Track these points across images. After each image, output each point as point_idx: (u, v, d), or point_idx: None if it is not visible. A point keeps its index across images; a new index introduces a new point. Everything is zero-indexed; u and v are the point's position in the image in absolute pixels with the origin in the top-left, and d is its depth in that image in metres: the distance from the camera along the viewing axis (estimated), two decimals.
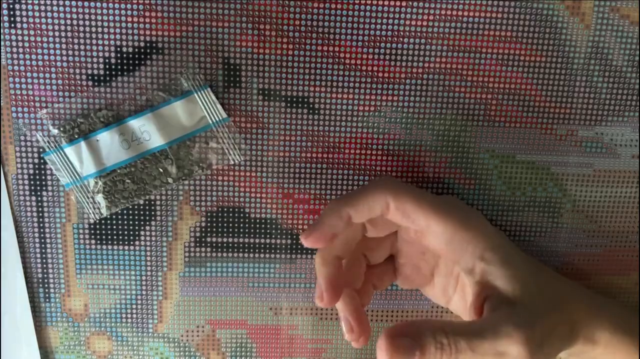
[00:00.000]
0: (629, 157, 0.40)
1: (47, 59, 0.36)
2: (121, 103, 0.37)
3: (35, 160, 0.38)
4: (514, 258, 0.34)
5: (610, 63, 0.38)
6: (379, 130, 0.39)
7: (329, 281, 0.35)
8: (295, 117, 0.38)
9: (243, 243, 0.40)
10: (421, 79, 0.38)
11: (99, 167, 0.37)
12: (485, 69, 0.38)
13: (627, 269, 0.42)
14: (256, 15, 0.36)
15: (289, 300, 0.42)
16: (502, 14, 0.37)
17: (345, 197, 0.35)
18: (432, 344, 0.29)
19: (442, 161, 0.39)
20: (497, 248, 0.33)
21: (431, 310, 0.42)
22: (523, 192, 0.40)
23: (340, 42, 0.37)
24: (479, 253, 0.33)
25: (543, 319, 0.31)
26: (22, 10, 0.35)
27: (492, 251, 0.33)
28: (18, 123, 0.37)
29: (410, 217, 0.34)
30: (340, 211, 0.34)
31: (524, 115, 0.39)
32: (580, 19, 0.37)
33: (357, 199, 0.34)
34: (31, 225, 0.39)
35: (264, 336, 0.42)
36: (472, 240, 0.33)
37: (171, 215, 0.39)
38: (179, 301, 0.41)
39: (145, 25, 0.36)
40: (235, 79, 0.37)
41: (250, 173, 0.39)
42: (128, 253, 0.40)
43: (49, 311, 0.40)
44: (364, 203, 0.34)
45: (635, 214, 0.41)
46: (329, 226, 0.34)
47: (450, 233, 0.33)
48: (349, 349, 0.43)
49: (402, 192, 0.34)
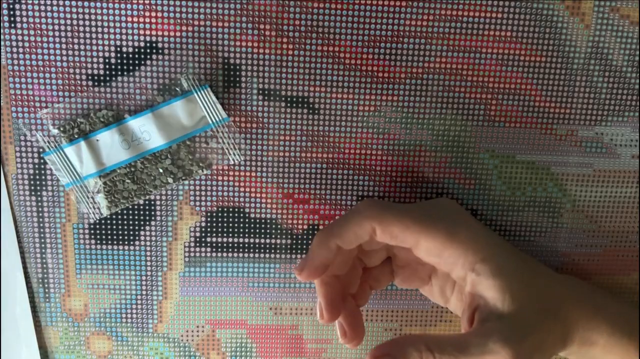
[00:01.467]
0: (629, 157, 0.40)
1: (47, 59, 0.36)
2: (121, 103, 0.37)
3: (35, 160, 0.38)
4: (506, 268, 0.33)
5: (610, 63, 0.38)
6: (379, 130, 0.39)
7: (329, 301, 0.35)
8: (295, 117, 0.38)
9: (243, 243, 0.40)
10: (421, 79, 0.38)
11: (99, 167, 0.37)
12: (485, 69, 0.38)
13: (627, 269, 0.42)
14: (256, 15, 0.36)
15: (289, 300, 0.42)
16: (502, 14, 0.37)
17: (331, 228, 0.34)
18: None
19: (442, 161, 0.39)
20: (487, 259, 0.33)
21: (431, 310, 0.42)
22: (523, 192, 0.40)
23: (340, 42, 0.37)
24: (469, 266, 0.33)
25: (534, 330, 0.31)
26: (22, 10, 0.35)
27: (483, 263, 0.33)
28: (18, 123, 0.37)
29: (399, 238, 0.33)
30: (328, 243, 0.34)
31: (524, 115, 0.39)
32: (580, 19, 0.37)
33: (343, 228, 0.34)
34: (31, 225, 0.39)
35: (264, 336, 0.42)
36: (461, 254, 0.33)
37: (171, 215, 0.39)
38: (179, 301, 0.41)
39: (145, 25, 0.36)
40: (235, 79, 0.37)
41: (250, 173, 0.39)
42: (128, 253, 0.40)
43: (49, 311, 0.40)
44: (351, 232, 0.34)
45: (635, 214, 0.41)
46: (319, 260, 0.34)
47: (439, 249, 0.33)
48: (348, 349, 0.43)
49: (386, 215, 0.33)
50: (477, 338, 0.30)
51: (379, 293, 0.42)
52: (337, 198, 0.40)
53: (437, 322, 0.43)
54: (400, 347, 0.29)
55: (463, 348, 0.29)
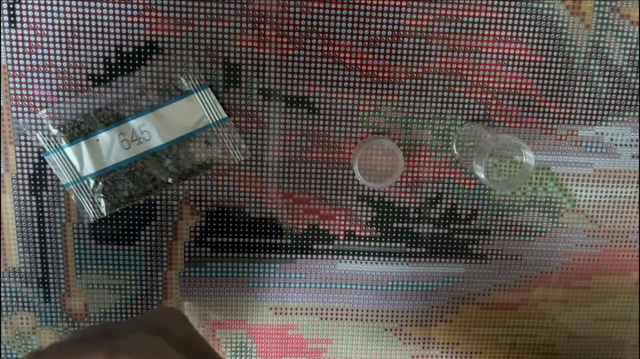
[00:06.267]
0: (629, 157, 0.40)
1: (47, 59, 0.36)
2: (121, 103, 0.37)
3: (35, 160, 0.38)
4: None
5: (610, 63, 0.38)
6: (379, 130, 0.39)
7: None
8: (295, 117, 0.38)
9: (243, 243, 0.40)
10: (421, 79, 0.38)
11: (99, 167, 0.37)
12: (485, 69, 0.38)
13: (627, 269, 0.42)
14: (256, 15, 0.36)
15: (289, 300, 0.42)
16: (502, 14, 0.37)
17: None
18: None
19: (442, 161, 0.39)
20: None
21: (431, 310, 0.42)
22: (523, 192, 0.40)
23: (340, 42, 0.37)
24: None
25: None
26: (22, 10, 0.35)
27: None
28: (18, 123, 0.37)
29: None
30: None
31: (524, 115, 0.39)
32: (580, 19, 0.37)
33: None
34: (31, 225, 0.39)
35: (264, 336, 0.42)
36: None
37: (171, 215, 0.39)
38: (179, 301, 0.41)
39: (145, 25, 0.36)
40: (235, 79, 0.37)
41: (250, 173, 0.39)
42: (128, 253, 0.40)
43: (49, 311, 0.40)
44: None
45: (635, 214, 0.41)
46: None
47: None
48: (349, 349, 0.43)
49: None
50: None
51: (379, 293, 0.42)
52: (337, 198, 0.40)
53: (437, 322, 0.43)
54: None
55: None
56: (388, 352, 0.43)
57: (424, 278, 0.42)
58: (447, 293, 0.42)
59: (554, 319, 0.43)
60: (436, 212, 0.40)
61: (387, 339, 0.43)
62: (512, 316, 0.43)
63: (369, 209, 0.40)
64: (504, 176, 0.39)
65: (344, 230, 0.40)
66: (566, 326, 0.43)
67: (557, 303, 0.43)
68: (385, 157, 0.38)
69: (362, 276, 0.41)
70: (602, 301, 0.43)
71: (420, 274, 0.42)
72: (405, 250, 0.41)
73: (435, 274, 0.42)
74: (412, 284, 0.42)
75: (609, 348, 0.44)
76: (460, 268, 0.42)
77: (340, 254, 0.41)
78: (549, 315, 0.43)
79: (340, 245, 0.41)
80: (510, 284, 0.42)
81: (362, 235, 0.40)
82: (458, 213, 0.40)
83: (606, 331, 0.44)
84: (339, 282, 0.41)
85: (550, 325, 0.43)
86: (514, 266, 0.42)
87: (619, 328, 0.44)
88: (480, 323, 0.43)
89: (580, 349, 0.44)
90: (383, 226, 0.40)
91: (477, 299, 0.42)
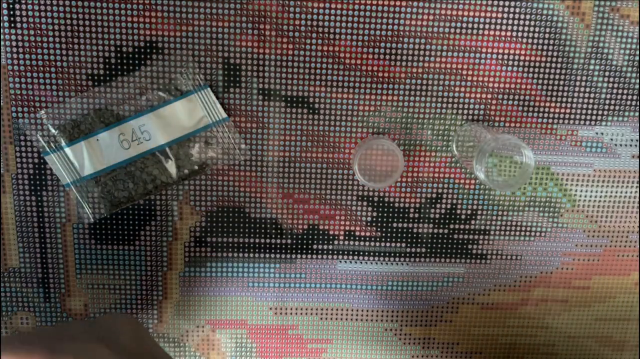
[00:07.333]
0: (629, 157, 0.40)
1: (47, 59, 0.36)
2: (121, 103, 0.37)
3: (35, 160, 0.38)
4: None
5: (610, 63, 0.38)
6: (379, 130, 0.39)
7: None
8: (295, 117, 0.38)
9: (243, 243, 0.40)
10: (421, 79, 0.38)
11: (99, 167, 0.37)
12: (485, 69, 0.38)
13: (627, 269, 0.42)
14: (256, 15, 0.36)
15: (289, 300, 0.41)
16: (502, 14, 0.37)
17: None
18: None
19: (442, 161, 0.39)
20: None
21: (431, 310, 0.42)
22: (523, 192, 0.40)
23: (340, 42, 0.37)
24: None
25: None
26: (22, 10, 0.35)
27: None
28: (18, 123, 0.37)
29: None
30: None
31: (524, 115, 0.39)
32: (580, 19, 0.37)
33: None
34: (31, 225, 0.39)
35: (264, 336, 0.42)
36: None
37: (171, 215, 0.39)
38: (179, 301, 0.41)
39: (145, 25, 0.36)
40: (235, 79, 0.37)
41: (250, 173, 0.39)
42: (128, 253, 0.40)
43: (49, 311, 0.40)
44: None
45: (635, 214, 0.41)
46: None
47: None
48: (349, 349, 0.43)
49: None
50: None
51: (379, 293, 0.42)
52: (337, 198, 0.40)
53: (437, 322, 0.43)
54: None
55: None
56: (388, 352, 0.43)
57: (424, 278, 0.42)
58: (447, 293, 0.42)
59: (554, 319, 0.43)
60: (436, 212, 0.40)
61: (387, 339, 0.43)
62: (512, 316, 0.43)
63: (369, 209, 0.40)
64: (504, 176, 0.39)
65: (344, 230, 0.40)
66: (566, 326, 0.43)
67: (557, 303, 0.43)
68: (385, 157, 0.38)
69: (362, 276, 0.41)
70: (602, 301, 0.43)
71: (420, 274, 0.42)
72: (405, 250, 0.41)
73: (435, 274, 0.42)
74: (412, 284, 0.42)
75: (609, 348, 0.44)
76: (460, 268, 0.42)
77: (340, 254, 0.41)
78: (549, 315, 0.43)
79: (340, 245, 0.41)
80: (510, 284, 0.42)
81: (362, 235, 0.40)
82: (458, 213, 0.40)
83: (606, 331, 0.44)
84: (339, 282, 0.41)
85: (550, 325, 0.43)
86: (514, 266, 0.42)
87: (619, 328, 0.44)
88: (480, 323, 0.43)
89: (580, 349, 0.44)
90: (383, 226, 0.40)
91: (477, 299, 0.42)
